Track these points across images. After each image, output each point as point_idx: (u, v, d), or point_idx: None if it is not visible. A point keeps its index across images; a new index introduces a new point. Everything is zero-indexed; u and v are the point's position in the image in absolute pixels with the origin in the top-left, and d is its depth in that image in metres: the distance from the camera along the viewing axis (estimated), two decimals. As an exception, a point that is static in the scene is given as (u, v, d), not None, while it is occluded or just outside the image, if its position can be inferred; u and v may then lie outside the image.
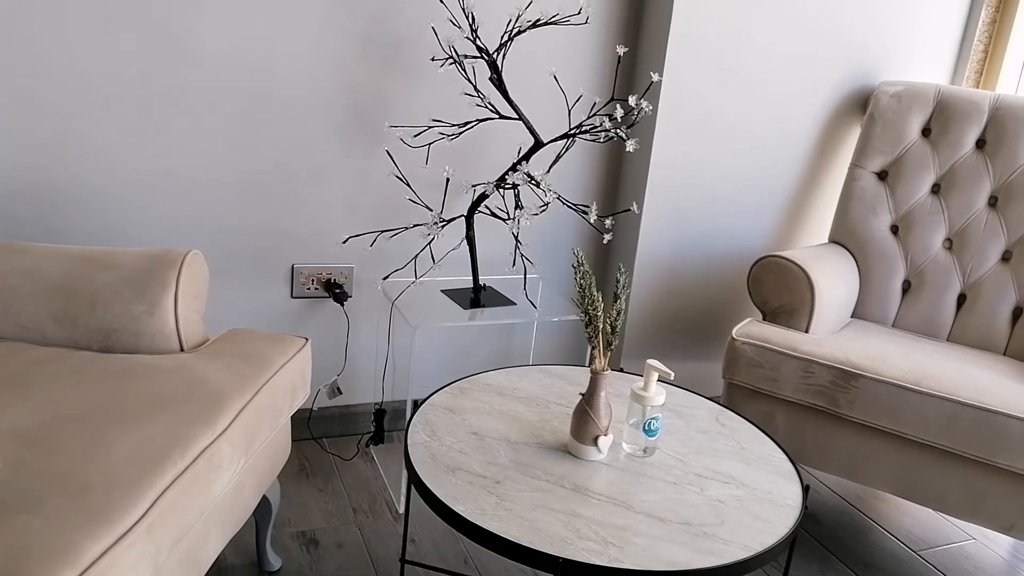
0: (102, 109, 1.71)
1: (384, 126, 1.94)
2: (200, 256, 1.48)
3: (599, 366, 1.31)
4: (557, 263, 2.25)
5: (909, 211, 2.11)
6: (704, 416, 1.54)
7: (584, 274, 1.31)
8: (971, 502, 1.61)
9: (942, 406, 1.59)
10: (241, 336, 1.47)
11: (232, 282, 1.93)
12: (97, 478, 1.00)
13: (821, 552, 1.86)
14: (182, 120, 1.78)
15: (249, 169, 1.86)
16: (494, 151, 2.06)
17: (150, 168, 1.78)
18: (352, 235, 1.99)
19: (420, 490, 1.23)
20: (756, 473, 1.36)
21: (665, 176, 2.14)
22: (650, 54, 2.09)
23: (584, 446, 1.33)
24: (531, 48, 2.02)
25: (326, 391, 2.09)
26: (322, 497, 1.87)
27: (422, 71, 1.93)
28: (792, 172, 2.30)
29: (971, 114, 2.08)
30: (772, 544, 1.17)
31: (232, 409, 1.23)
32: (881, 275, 2.10)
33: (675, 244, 2.22)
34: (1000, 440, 1.55)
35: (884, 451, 1.68)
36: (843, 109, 2.30)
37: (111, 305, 1.39)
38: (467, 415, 1.45)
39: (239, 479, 1.29)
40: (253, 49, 1.78)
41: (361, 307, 2.07)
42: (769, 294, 1.92)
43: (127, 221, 1.80)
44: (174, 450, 1.09)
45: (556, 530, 1.15)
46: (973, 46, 2.38)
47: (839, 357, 1.71)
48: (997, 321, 1.99)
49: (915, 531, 1.99)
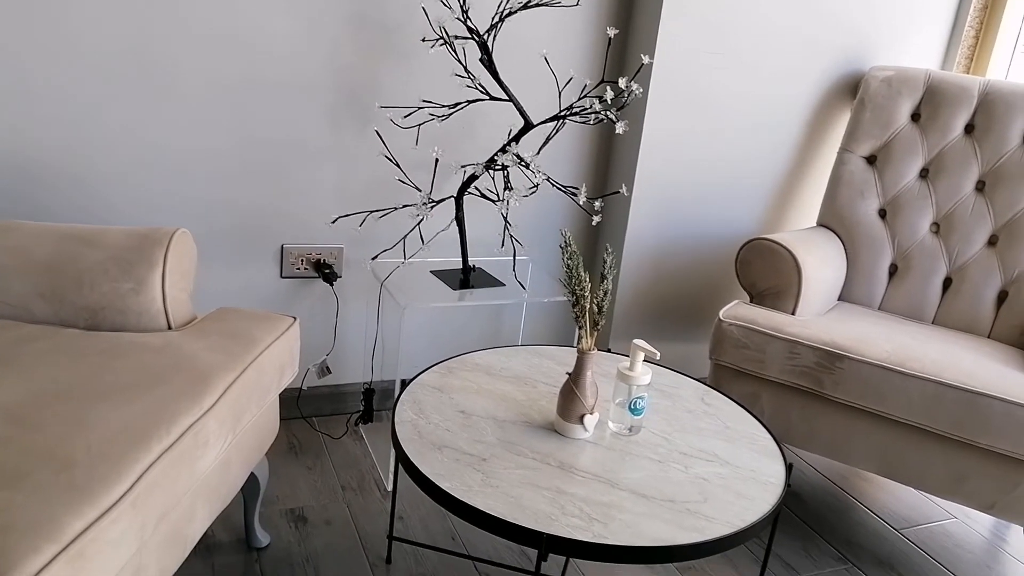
0: (92, 87, 1.70)
1: (374, 106, 1.93)
2: (188, 235, 1.48)
3: (586, 346, 1.32)
4: (546, 244, 2.25)
5: (897, 195, 2.12)
6: (690, 396, 1.55)
7: (571, 254, 1.32)
8: (953, 482, 1.63)
9: (926, 387, 1.61)
10: (229, 315, 1.48)
11: (222, 262, 1.92)
12: (81, 454, 1.00)
13: (804, 530, 1.89)
14: (173, 99, 1.77)
15: (239, 149, 1.86)
16: (484, 132, 2.06)
17: (140, 147, 1.78)
18: (342, 215, 1.99)
19: (407, 467, 1.24)
20: (740, 452, 1.37)
21: (655, 158, 2.14)
22: (641, 36, 2.08)
23: (570, 424, 1.34)
24: (522, 30, 2.01)
25: (315, 370, 2.09)
26: (311, 475, 1.88)
27: (413, 52, 1.93)
28: (782, 156, 2.31)
29: (960, 99, 2.09)
30: (754, 521, 1.18)
31: (219, 386, 1.24)
32: (868, 258, 2.11)
33: (664, 226, 2.22)
34: (982, 421, 1.56)
35: (868, 431, 1.70)
36: (833, 93, 2.31)
37: (98, 283, 1.39)
38: (455, 394, 1.46)
39: (226, 456, 1.29)
40: (244, 28, 1.77)
41: (350, 287, 2.07)
42: (757, 276, 1.93)
43: (117, 200, 1.79)
44: (160, 426, 1.09)
45: (541, 506, 1.16)
46: (964, 31, 2.38)
47: (824, 339, 1.73)
48: (982, 304, 2.01)
49: (897, 510, 2.02)
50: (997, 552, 1.91)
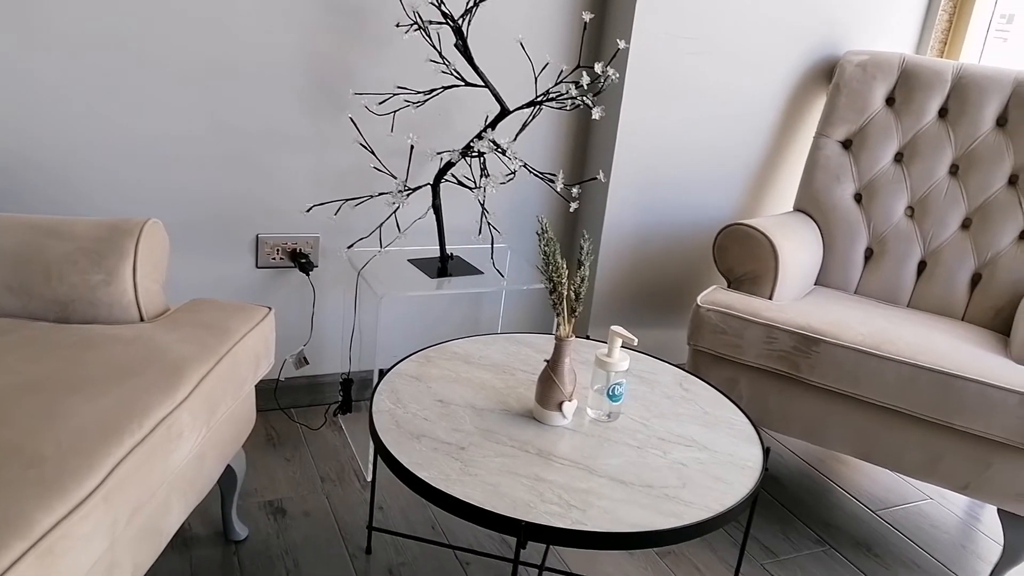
0: (60, 73, 1.67)
1: (348, 93, 1.91)
2: (159, 225, 1.45)
3: (563, 333, 1.32)
4: (524, 232, 2.24)
5: (872, 179, 2.13)
6: (668, 382, 1.56)
7: (548, 241, 1.31)
8: (928, 463, 1.65)
9: (900, 370, 1.62)
10: (203, 306, 1.46)
11: (196, 252, 1.90)
12: (51, 449, 0.98)
13: (783, 513, 1.90)
14: (143, 86, 1.74)
15: (211, 136, 1.83)
16: (460, 119, 2.04)
17: (109, 135, 1.74)
18: (317, 204, 1.97)
19: (385, 457, 1.24)
20: (718, 436, 1.37)
21: (632, 144, 2.13)
22: (617, 21, 2.07)
23: (549, 412, 1.34)
24: (497, 14, 1.99)
25: (293, 361, 2.07)
26: (289, 466, 1.87)
27: (387, 38, 1.90)
28: (759, 140, 2.31)
29: (934, 83, 2.10)
30: (732, 505, 1.19)
31: (192, 378, 1.22)
32: (844, 243, 2.13)
33: (642, 212, 2.22)
34: (956, 402, 1.58)
35: (844, 414, 1.71)
36: (809, 78, 2.31)
37: (67, 275, 1.36)
38: (433, 383, 1.45)
39: (201, 448, 1.28)
40: (215, 13, 1.74)
41: (327, 277, 2.05)
42: (734, 262, 1.93)
43: (85, 190, 1.76)
44: (132, 419, 1.08)
45: (519, 494, 1.15)
46: (937, 16, 2.39)
47: (801, 323, 1.73)
48: (956, 287, 2.02)
49: (874, 492, 2.04)
50: (971, 532, 1.93)
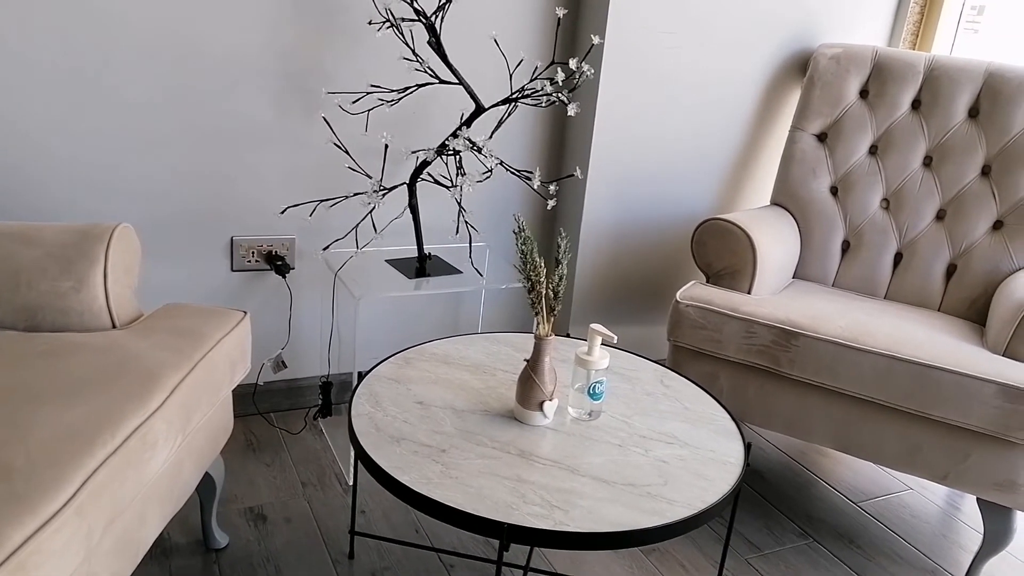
0: (23, 81, 1.63)
1: (321, 93, 1.89)
2: (130, 229, 1.43)
3: (543, 332, 1.31)
4: (502, 230, 2.23)
5: (848, 172, 2.14)
6: (649, 378, 1.55)
7: (525, 240, 1.30)
8: (907, 454, 1.66)
9: (878, 362, 1.63)
10: (176, 311, 1.43)
11: (170, 256, 1.87)
12: (21, 461, 0.96)
13: (766, 507, 1.91)
14: (109, 94, 1.70)
15: (181, 141, 1.80)
16: (436, 117, 2.03)
17: (75, 137, 1.71)
18: (291, 205, 1.95)
19: (364, 461, 1.22)
20: (699, 433, 1.37)
21: (609, 140, 2.13)
22: (591, 17, 2.06)
23: (530, 411, 1.33)
24: (470, 11, 1.98)
25: (271, 365, 2.05)
26: (269, 472, 1.85)
27: (359, 35, 1.88)
28: (735, 135, 2.32)
29: (907, 76, 2.11)
30: (715, 502, 1.18)
31: (167, 386, 1.20)
32: (821, 236, 2.13)
33: (620, 208, 2.22)
34: (934, 393, 1.59)
35: (823, 407, 1.72)
36: (783, 71, 2.32)
37: (36, 282, 1.34)
38: (412, 385, 1.43)
39: (177, 457, 1.26)
40: (181, 14, 1.71)
41: (304, 279, 2.03)
42: (712, 257, 1.93)
43: (53, 194, 1.73)
44: (104, 429, 1.05)
45: (501, 496, 1.15)
46: (909, 8, 2.41)
47: (780, 317, 1.74)
48: (932, 278, 2.04)
49: (855, 483, 2.05)
50: (952, 521, 1.95)
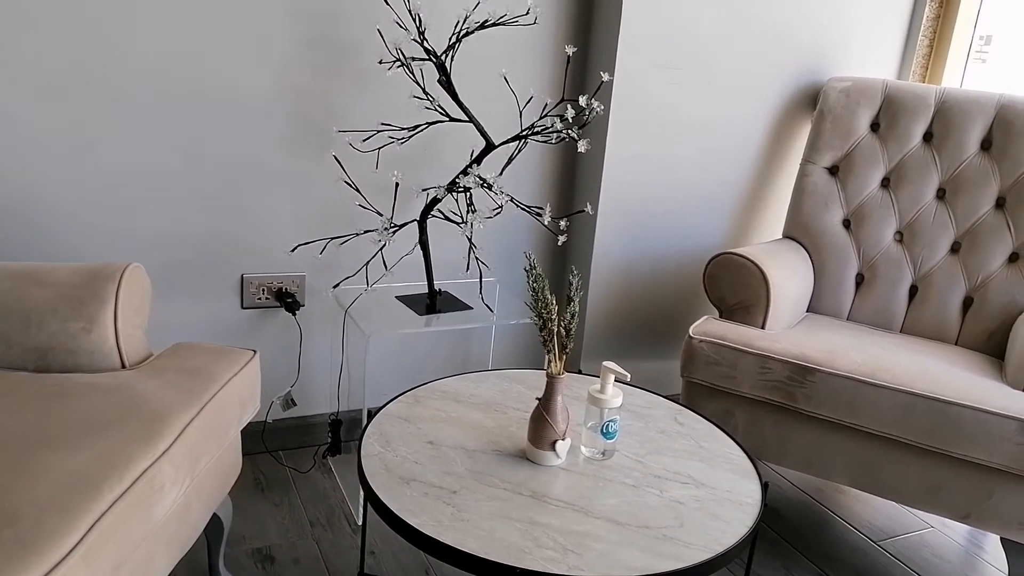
0: (35, 122, 1.65)
1: (332, 131, 1.90)
2: (140, 269, 1.43)
3: (554, 370, 1.29)
4: (513, 266, 2.23)
5: (860, 205, 2.13)
6: (662, 416, 1.53)
7: (536, 277, 1.29)
8: (928, 492, 1.62)
9: (897, 398, 1.60)
10: (186, 351, 1.43)
11: (181, 295, 1.87)
12: (27, 507, 0.95)
13: (784, 547, 1.87)
14: (120, 133, 1.72)
15: (193, 178, 1.81)
16: (446, 154, 2.04)
17: (86, 177, 1.72)
18: (301, 243, 1.95)
19: (374, 503, 1.20)
20: (715, 472, 1.35)
21: (619, 176, 2.13)
22: (600, 54, 2.08)
23: (542, 451, 1.31)
24: (480, 49, 1.99)
25: (280, 403, 2.04)
26: (278, 512, 1.82)
27: (369, 74, 1.90)
28: (746, 169, 2.31)
29: (918, 108, 2.11)
30: (732, 544, 1.16)
31: (175, 427, 1.19)
32: (835, 269, 2.12)
33: (631, 243, 2.21)
34: (954, 430, 1.56)
35: (841, 444, 1.69)
36: (793, 105, 2.32)
37: (46, 323, 1.33)
38: (422, 424, 1.42)
39: (185, 499, 1.24)
40: (193, 55, 1.73)
41: (314, 316, 2.02)
42: (725, 291, 1.92)
43: (63, 234, 1.74)
44: (112, 473, 1.04)
45: (514, 539, 1.12)
46: (918, 41, 2.41)
47: (795, 352, 1.71)
48: (948, 312, 2.01)
49: (875, 521, 2.01)
50: (975, 560, 1.90)
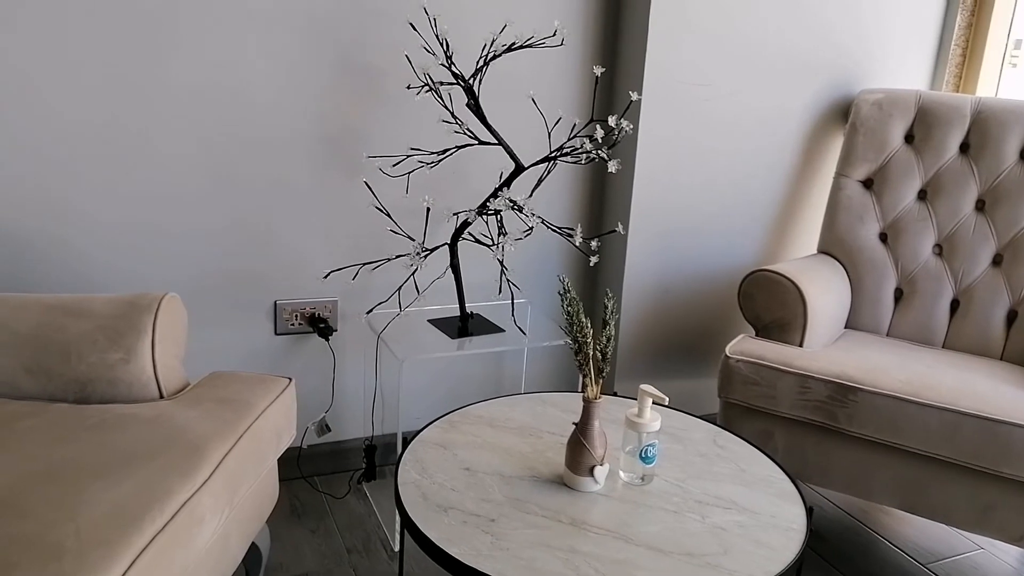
0: (69, 154, 1.68)
1: (362, 157, 1.91)
2: (177, 299, 1.44)
3: (591, 394, 1.28)
4: (544, 287, 2.22)
5: (897, 218, 2.09)
6: (701, 439, 1.51)
7: (571, 301, 1.28)
8: (978, 514, 1.57)
9: (943, 416, 1.56)
10: (222, 380, 1.43)
11: (214, 323, 1.88)
12: (71, 541, 0.95)
13: (828, 571, 1.82)
14: (153, 160, 1.74)
15: (225, 206, 1.83)
16: (475, 177, 2.04)
17: (122, 212, 1.75)
18: (333, 269, 1.96)
19: (412, 532, 1.19)
20: (757, 496, 1.32)
21: (649, 195, 2.11)
22: (628, 73, 2.07)
23: (580, 477, 1.29)
24: (507, 72, 1.99)
25: (315, 429, 2.04)
26: (314, 538, 1.82)
27: (398, 99, 1.91)
28: (778, 184, 2.28)
29: (953, 119, 2.07)
30: (779, 572, 1.13)
31: (213, 458, 1.19)
32: (872, 284, 2.08)
33: (663, 262, 2.19)
34: (1004, 449, 1.51)
35: (886, 465, 1.65)
36: (825, 119, 2.29)
37: (85, 354, 1.35)
38: (458, 450, 1.41)
39: (224, 529, 1.24)
40: (224, 84, 1.75)
41: (347, 341, 2.03)
42: (760, 309, 1.89)
43: (100, 266, 1.76)
44: (152, 506, 1.04)
45: (554, 568, 1.10)
46: (951, 51, 2.38)
47: (835, 371, 1.68)
48: (992, 326, 1.97)
49: (922, 543, 1.95)
50: (1027, 581, 1.84)
